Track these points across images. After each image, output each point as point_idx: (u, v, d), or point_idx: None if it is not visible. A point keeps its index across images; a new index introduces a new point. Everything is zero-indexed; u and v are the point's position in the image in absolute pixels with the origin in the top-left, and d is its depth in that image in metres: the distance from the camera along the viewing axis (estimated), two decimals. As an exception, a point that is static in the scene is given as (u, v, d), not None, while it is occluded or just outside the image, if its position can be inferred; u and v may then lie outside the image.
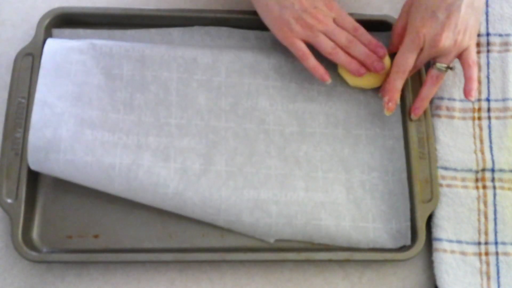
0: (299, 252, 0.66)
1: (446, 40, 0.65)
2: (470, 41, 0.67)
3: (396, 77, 0.68)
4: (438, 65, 0.67)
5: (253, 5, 0.69)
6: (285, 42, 0.68)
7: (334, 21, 0.68)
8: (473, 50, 0.67)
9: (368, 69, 0.69)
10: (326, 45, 0.67)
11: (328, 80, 0.68)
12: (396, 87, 0.68)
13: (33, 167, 0.65)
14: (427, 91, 0.69)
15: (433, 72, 0.68)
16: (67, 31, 0.72)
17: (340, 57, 0.68)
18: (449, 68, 0.67)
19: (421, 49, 0.66)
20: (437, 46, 0.65)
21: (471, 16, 0.65)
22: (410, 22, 0.67)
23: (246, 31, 0.74)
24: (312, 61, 0.68)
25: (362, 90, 0.72)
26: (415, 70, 0.70)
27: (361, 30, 0.69)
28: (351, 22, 0.69)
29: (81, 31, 0.72)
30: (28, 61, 0.69)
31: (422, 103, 0.69)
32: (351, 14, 0.71)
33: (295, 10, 0.66)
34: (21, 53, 0.70)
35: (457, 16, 0.64)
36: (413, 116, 0.70)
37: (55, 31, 0.72)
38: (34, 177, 0.67)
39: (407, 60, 0.67)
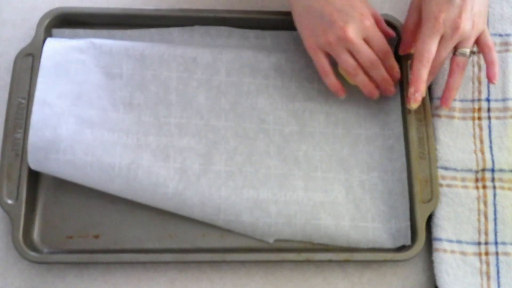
0: (299, 252, 0.66)
1: (466, 22, 0.64)
2: (484, 25, 0.66)
3: (420, 67, 0.65)
4: (462, 50, 0.66)
5: (290, 6, 0.68)
6: (309, 52, 0.68)
7: (364, 38, 0.66)
8: (488, 33, 0.67)
9: (382, 91, 0.69)
10: (348, 65, 0.66)
11: (343, 95, 0.69)
12: (422, 76, 0.65)
13: (33, 166, 0.65)
14: (455, 80, 0.67)
15: (457, 59, 0.67)
16: (67, 31, 0.72)
17: (358, 78, 0.67)
18: (472, 52, 0.67)
19: (442, 37, 0.65)
20: (458, 30, 0.64)
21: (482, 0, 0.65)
22: (425, 10, 0.65)
23: (246, 30, 0.74)
24: (331, 79, 0.68)
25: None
26: (441, 62, 0.67)
27: (389, 54, 0.68)
28: (381, 44, 0.67)
29: (81, 31, 0.72)
30: (28, 61, 0.69)
31: (451, 93, 0.68)
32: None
33: (322, 21, 0.64)
34: (21, 53, 0.70)
35: None
36: (445, 108, 0.69)
37: (55, 31, 0.72)
38: (34, 178, 0.67)
39: (430, 47, 0.65)
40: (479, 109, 0.71)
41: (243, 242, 0.67)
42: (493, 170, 0.69)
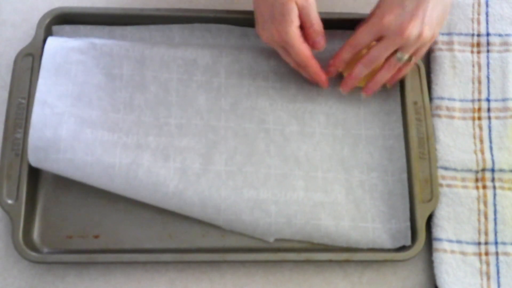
0: (299, 252, 0.66)
1: (413, 30, 0.62)
2: (431, 40, 0.65)
3: (347, 48, 0.66)
4: (400, 54, 0.65)
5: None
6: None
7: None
8: (427, 47, 0.67)
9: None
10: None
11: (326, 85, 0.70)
12: (343, 56, 0.67)
13: (34, 165, 0.65)
14: (382, 76, 0.67)
15: (391, 60, 0.66)
16: (67, 27, 0.72)
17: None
18: (409, 59, 0.66)
19: (384, 37, 0.64)
20: (402, 35, 0.62)
21: (439, 11, 0.63)
22: (378, 6, 0.65)
23: (246, 28, 0.74)
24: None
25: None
26: (376, 58, 0.66)
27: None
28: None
29: (81, 27, 0.72)
30: (28, 61, 0.69)
31: (374, 86, 0.69)
32: (351, 14, 0.71)
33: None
34: (21, 53, 0.70)
35: (425, 6, 0.62)
36: (364, 94, 0.70)
37: (55, 27, 0.72)
38: (34, 178, 0.67)
39: (363, 38, 0.65)
40: (479, 109, 0.71)
41: (243, 242, 0.67)
42: (493, 170, 0.69)
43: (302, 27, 0.65)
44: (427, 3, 0.62)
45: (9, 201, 0.65)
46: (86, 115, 0.67)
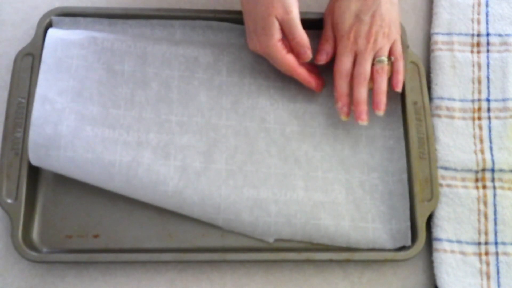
0: (299, 252, 0.66)
1: (377, 36, 0.67)
2: (397, 34, 0.70)
3: (341, 83, 0.68)
4: (379, 58, 0.68)
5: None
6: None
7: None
8: (399, 43, 0.70)
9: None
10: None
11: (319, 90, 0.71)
12: (344, 91, 0.69)
13: (34, 163, 0.65)
14: (379, 85, 0.68)
15: (376, 67, 0.68)
16: (67, 19, 0.72)
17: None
18: (389, 59, 0.69)
19: (358, 52, 0.68)
20: (369, 43, 0.67)
21: (392, 10, 0.68)
22: (338, 30, 0.69)
23: None
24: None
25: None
26: (366, 73, 0.68)
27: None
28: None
29: (81, 19, 0.72)
30: (28, 61, 0.69)
31: (380, 97, 0.68)
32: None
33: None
34: (21, 53, 0.70)
35: (379, 13, 0.67)
36: (378, 112, 0.69)
37: (55, 18, 0.71)
38: (34, 177, 0.67)
39: (346, 64, 0.68)
40: (479, 109, 0.71)
41: (243, 242, 0.67)
42: (493, 170, 0.69)
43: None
44: (380, 9, 0.67)
45: (9, 201, 0.65)
46: (86, 111, 0.67)
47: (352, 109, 0.69)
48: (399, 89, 0.69)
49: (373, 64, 0.68)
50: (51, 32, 0.70)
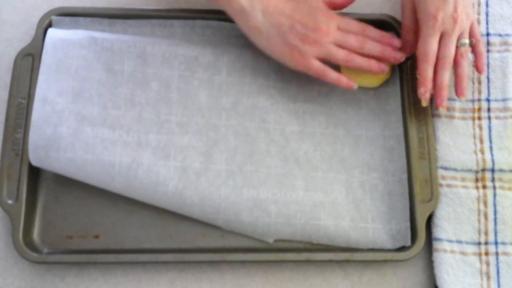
0: (299, 252, 0.66)
1: (462, 16, 0.67)
2: (473, 15, 0.70)
3: (426, 66, 0.67)
4: (462, 41, 0.68)
5: (256, 45, 0.68)
6: (300, 67, 0.67)
7: (339, 28, 0.67)
8: (476, 24, 0.70)
9: (388, 61, 0.69)
10: (339, 54, 0.67)
11: (354, 86, 0.68)
12: (429, 76, 0.67)
13: (34, 163, 0.65)
14: (463, 69, 0.68)
15: (461, 49, 0.68)
16: (67, 19, 0.72)
17: (357, 61, 0.67)
18: (471, 42, 0.69)
19: (444, 34, 0.67)
20: (456, 24, 0.66)
21: None
22: (422, 11, 0.67)
23: None
24: (333, 75, 0.67)
25: (363, 90, 0.72)
26: (452, 56, 0.68)
27: (369, 28, 0.69)
28: (355, 24, 0.69)
29: (81, 19, 0.72)
30: (28, 61, 0.69)
31: (466, 83, 0.68)
32: (350, 14, 0.71)
33: (297, 31, 0.65)
34: (21, 53, 0.70)
35: None
36: (462, 98, 0.68)
37: (55, 18, 0.71)
38: (34, 178, 0.67)
39: (433, 46, 0.67)
40: (479, 109, 0.71)
41: (243, 242, 0.67)
42: (493, 170, 0.69)
43: None
44: None
45: (9, 201, 0.65)
46: (86, 111, 0.67)
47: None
48: (484, 71, 0.70)
49: (456, 46, 0.68)
50: (51, 32, 0.70)
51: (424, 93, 0.67)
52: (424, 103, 0.68)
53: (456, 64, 0.69)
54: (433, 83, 0.68)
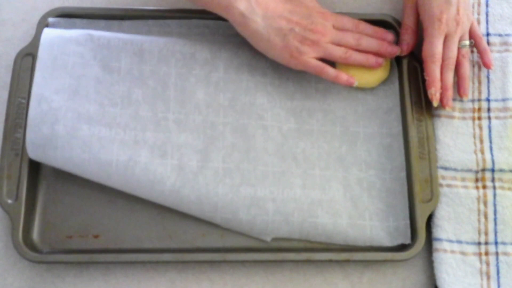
0: (299, 252, 0.66)
1: (464, 18, 0.68)
2: (472, 16, 0.71)
3: (434, 67, 0.69)
4: (463, 42, 0.70)
5: (256, 47, 0.69)
6: (300, 67, 0.68)
7: (334, 27, 0.68)
8: (476, 23, 0.71)
9: (384, 55, 0.70)
10: (337, 52, 0.68)
11: (355, 82, 0.69)
12: (438, 76, 0.69)
13: (33, 158, 0.65)
14: (465, 70, 0.70)
15: (462, 51, 0.70)
16: (63, 21, 0.72)
17: (355, 58, 0.69)
18: (471, 42, 0.70)
19: (448, 35, 0.68)
20: (459, 25, 0.68)
21: None
22: (426, 13, 0.69)
23: None
24: (331, 71, 0.68)
25: (360, 88, 0.72)
26: (455, 57, 0.69)
27: (361, 24, 0.70)
28: (349, 21, 0.70)
29: (77, 21, 0.72)
30: (28, 61, 0.70)
31: (468, 83, 0.70)
32: (350, 14, 0.71)
33: (296, 33, 0.66)
34: (21, 53, 0.70)
35: None
36: (465, 98, 0.70)
37: (51, 20, 0.71)
38: (34, 178, 0.67)
39: (439, 48, 0.68)
40: (479, 109, 0.71)
41: (243, 242, 0.67)
42: (493, 170, 0.68)
43: None
44: None
45: (9, 201, 0.65)
46: (83, 109, 0.66)
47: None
48: (493, 66, 0.71)
49: (458, 48, 0.70)
50: (47, 30, 0.70)
51: (435, 93, 0.69)
52: (435, 103, 0.69)
53: (458, 65, 0.70)
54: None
